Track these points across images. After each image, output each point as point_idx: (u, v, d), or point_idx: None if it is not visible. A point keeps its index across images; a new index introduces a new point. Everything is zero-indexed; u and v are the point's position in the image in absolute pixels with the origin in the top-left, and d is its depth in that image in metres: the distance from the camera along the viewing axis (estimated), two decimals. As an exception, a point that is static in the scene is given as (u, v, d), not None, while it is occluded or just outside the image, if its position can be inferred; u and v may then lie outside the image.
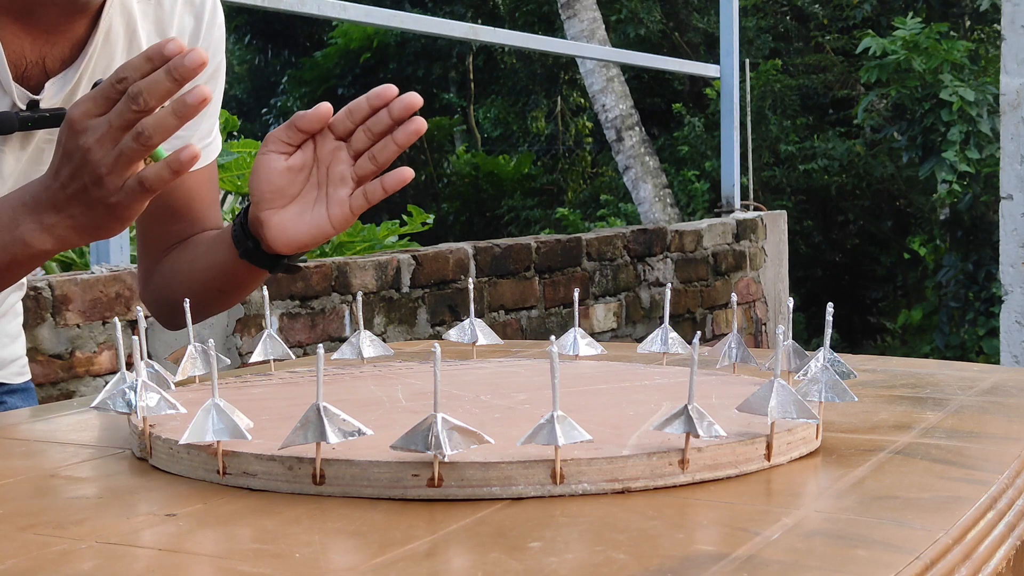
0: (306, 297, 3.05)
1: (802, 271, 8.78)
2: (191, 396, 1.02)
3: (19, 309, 1.46)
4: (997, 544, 0.74)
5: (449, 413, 0.78)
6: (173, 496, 0.81)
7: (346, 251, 3.88)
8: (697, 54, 9.86)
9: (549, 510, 0.75)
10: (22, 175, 1.23)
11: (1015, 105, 4.24)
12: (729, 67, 5.35)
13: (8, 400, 1.42)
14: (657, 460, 0.80)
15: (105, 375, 2.59)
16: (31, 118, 1.17)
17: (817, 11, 9.96)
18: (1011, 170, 4.26)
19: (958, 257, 7.77)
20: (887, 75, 7.48)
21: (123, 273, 2.65)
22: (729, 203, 5.33)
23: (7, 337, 1.43)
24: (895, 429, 0.97)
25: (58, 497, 0.82)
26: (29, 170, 1.23)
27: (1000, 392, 1.14)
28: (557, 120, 12.20)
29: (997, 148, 5.67)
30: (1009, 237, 4.26)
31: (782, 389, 0.83)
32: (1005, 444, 0.92)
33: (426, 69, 12.48)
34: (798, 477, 0.84)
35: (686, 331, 4.52)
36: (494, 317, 3.70)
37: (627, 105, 7.87)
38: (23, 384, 1.46)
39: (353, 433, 0.78)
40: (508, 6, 11.55)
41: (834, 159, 8.90)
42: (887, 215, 9.49)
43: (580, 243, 4.10)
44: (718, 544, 0.68)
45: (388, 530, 0.71)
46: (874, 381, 1.20)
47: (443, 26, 4.19)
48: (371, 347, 1.20)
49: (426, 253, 3.44)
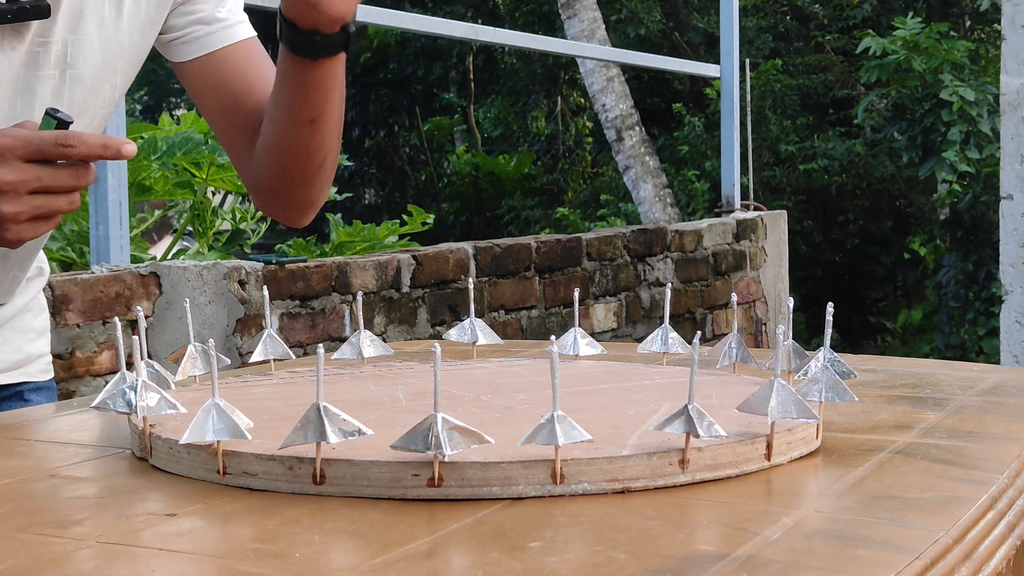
0: (306, 297, 3.05)
1: (802, 271, 8.78)
2: (191, 396, 1.02)
3: (43, 303, 1.44)
4: (997, 544, 0.74)
5: (449, 413, 0.78)
6: (173, 496, 0.81)
7: (346, 251, 3.88)
8: (697, 54, 9.86)
9: (549, 510, 0.75)
10: (20, 81, 1.20)
11: (1015, 105, 4.24)
12: (729, 67, 5.36)
13: (33, 398, 1.40)
14: (657, 460, 0.80)
15: (105, 375, 2.59)
16: (9, 9, 1.15)
17: (817, 11, 9.95)
18: (1011, 170, 4.26)
19: (958, 257, 7.77)
20: (887, 75, 7.48)
21: (123, 273, 2.65)
22: (729, 203, 5.33)
23: (33, 332, 1.41)
24: (895, 429, 0.97)
25: (58, 497, 0.82)
26: (27, 77, 1.20)
27: (1000, 392, 1.14)
28: (557, 120, 12.20)
29: (997, 148, 5.67)
30: (1009, 237, 4.26)
31: (782, 389, 0.83)
32: (1005, 444, 0.92)
33: (426, 69, 12.47)
34: (798, 477, 0.84)
35: (686, 331, 4.52)
36: (494, 317, 3.70)
37: (627, 105, 7.87)
38: (47, 382, 1.43)
39: (353, 433, 0.78)
40: (508, 6, 11.54)
41: (834, 159, 8.89)
42: (887, 215, 9.49)
43: (580, 243, 4.10)
44: (718, 544, 0.68)
45: (388, 530, 0.71)
46: (874, 381, 1.20)
47: (443, 26, 4.19)
48: (371, 347, 1.20)
49: (426, 253, 3.44)
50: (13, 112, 1.20)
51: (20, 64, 1.19)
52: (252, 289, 2.90)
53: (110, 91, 1.27)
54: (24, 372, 1.40)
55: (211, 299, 2.82)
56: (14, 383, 1.39)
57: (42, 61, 1.20)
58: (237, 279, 2.87)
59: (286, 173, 1.30)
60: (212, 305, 2.82)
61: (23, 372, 1.40)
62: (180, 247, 4.04)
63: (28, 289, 1.39)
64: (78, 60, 1.22)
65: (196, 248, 3.95)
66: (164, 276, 2.72)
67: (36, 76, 1.20)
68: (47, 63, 1.20)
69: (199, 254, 3.76)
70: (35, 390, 1.41)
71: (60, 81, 1.22)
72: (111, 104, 1.29)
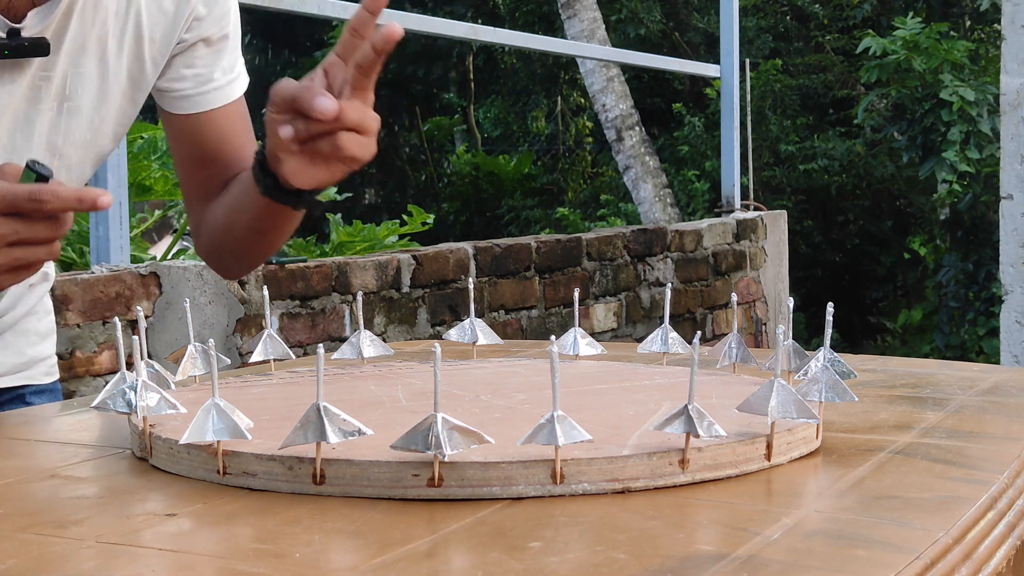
0: (306, 297, 3.06)
1: (802, 271, 8.77)
2: (191, 396, 1.02)
3: (48, 306, 1.44)
4: (997, 544, 0.74)
5: (449, 413, 0.78)
6: (173, 496, 0.81)
7: (346, 251, 3.88)
8: (697, 54, 9.85)
9: (549, 510, 0.75)
10: (20, 114, 1.21)
11: (1015, 105, 4.24)
12: (729, 67, 5.35)
13: (35, 401, 1.40)
14: (657, 460, 0.80)
15: (105, 375, 2.59)
16: (8, 46, 1.16)
17: (817, 11, 9.95)
18: (1011, 170, 4.26)
19: (958, 257, 7.77)
20: (887, 75, 7.48)
21: (123, 273, 2.65)
22: (729, 203, 5.33)
23: (36, 335, 1.41)
24: (895, 429, 0.97)
25: (58, 497, 0.82)
26: (28, 111, 1.21)
27: (1000, 392, 1.14)
28: (557, 120, 12.20)
29: (997, 148, 5.67)
30: (1009, 237, 4.26)
31: (782, 389, 0.83)
32: (1005, 444, 0.92)
33: (426, 69, 12.47)
34: (798, 477, 0.84)
35: (686, 331, 4.52)
36: (494, 317, 3.70)
37: (627, 105, 7.87)
38: (51, 384, 1.43)
39: (353, 433, 0.78)
40: (508, 6, 11.54)
41: (834, 159, 8.90)
42: (887, 215, 9.49)
43: (580, 243, 4.10)
44: (718, 544, 0.68)
45: (388, 530, 0.71)
46: (874, 381, 1.20)
47: (443, 26, 4.19)
48: (371, 347, 1.20)
49: (426, 253, 3.44)
50: (12, 145, 1.21)
51: (21, 98, 1.20)
52: (252, 289, 2.90)
53: (109, 125, 1.27)
54: (26, 375, 1.40)
55: (211, 299, 2.82)
56: (16, 386, 1.39)
57: (43, 95, 1.21)
58: (237, 279, 2.87)
59: (231, 249, 1.35)
60: (212, 305, 2.82)
61: (25, 375, 1.40)
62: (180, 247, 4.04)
63: (32, 294, 1.39)
64: (76, 92, 1.23)
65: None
66: (164, 276, 2.72)
67: (37, 109, 1.21)
68: (48, 96, 1.21)
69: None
70: (37, 393, 1.41)
71: (58, 113, 1.22)
72: (109, 138, 1.29)
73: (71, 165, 1.26)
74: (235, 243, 1.32)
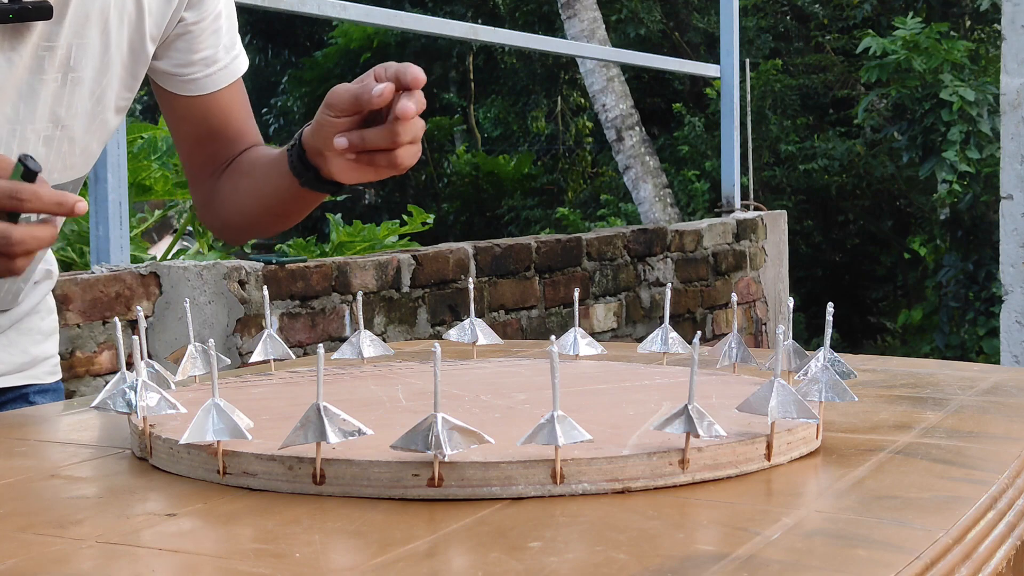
0: (306, 297, 3.06)
1: (802, 271, 8.78)
2: (191, 396, 1.02)
3: (52, 304, 1.44)
4: (997, 544, 0.74)
5: (449, 413, 0.78)
6: (173, 496, 0.81)
7: (346, 251, 3.88)
8: (697, 54, 9.86)
9: (549, 510, 0.75)
10: (24, 85, 1.20)
11: (1015, 105, 4.24)
12: (729, 67, 5.35)
13: (39, 400, 1.39)
14: (657, 460, 0.80)
15: (105, 375, 2.59)
16: (11, 9, 1.15)
17: (817, 11, 9.96)
18: (1011, 170, 4.26)
19: (958, 257, 7.77)
20: (887, 75, 7.48)
21: (123, 273, 2.65)
22: (729, 203, 5.33)
23: (39, 334, 1.41)
24: (895, 429, 0.97)
25: (58, 497, 0.82)
26: (32, 81, 1.20)
27: (1000, 392, 1.14)
28: (557, 120, 12.20)
29: (997, 148, 5.67)
30: (1009, 237, 4.26)
31: (782, 389, 0.83)
32: (1005, 444, 0.92)
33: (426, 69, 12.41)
34: (798, 477, 0.84)
35: (686, 331, 4.52)
36: (494, 317, 3.70)
37: (627, 105, 7.87)
38: (54, 384, 1.43)
39: (353, 433, 0.78)
40: (508, 6, 11.54)
41: (834, 159, 8.90)
42: (887, 215, 9.49)
43: (580, 243, 4.10)
44: (718, 544, 0.68)
45: (388, 530, 0.71)
46: (874, 381, 1.20)
47: (443, 26, 4.19)
48: (371, 347, 1.20)
49: (426, 253, 3.44)
50: (16, 115, 1.20)
51: (25, 68, 1.19)
52: (252, 289, 2.90)
53: (111, 96, 1.27)
54: (30, 375, 1.39)
55: (211, 299, 2.82)
56: (19, 385, 1.38)
57: (47, 65, 1.20)
58: (237, 279, 2.87)
59: (249, 224, 1.41)
60: (212, 305, 2.82)
61: (29, 375, 1.39)
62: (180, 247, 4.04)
63: (36, 292, 1.39)
64: (80, 63, 1.22)
65: (196, 248, 3.95)
66: (164, 276, 2.72)
67: (40, 80, 1.20)
68: (51, 67, 1.20)
69: (199, 254, 3.76)
70: (40, 392, 1.41)
71: (61, 84, 1.22)
72: (111, 111, 1.29)
73: (74, 137, 1.25)
74: (258, 224, 1.39)
